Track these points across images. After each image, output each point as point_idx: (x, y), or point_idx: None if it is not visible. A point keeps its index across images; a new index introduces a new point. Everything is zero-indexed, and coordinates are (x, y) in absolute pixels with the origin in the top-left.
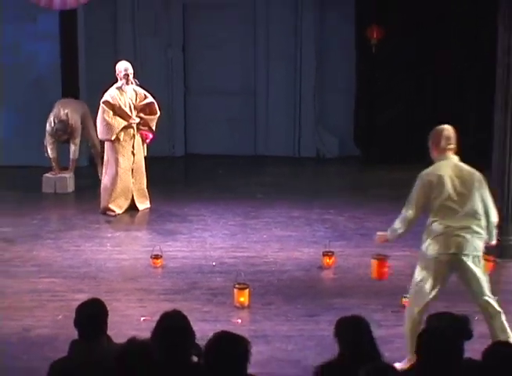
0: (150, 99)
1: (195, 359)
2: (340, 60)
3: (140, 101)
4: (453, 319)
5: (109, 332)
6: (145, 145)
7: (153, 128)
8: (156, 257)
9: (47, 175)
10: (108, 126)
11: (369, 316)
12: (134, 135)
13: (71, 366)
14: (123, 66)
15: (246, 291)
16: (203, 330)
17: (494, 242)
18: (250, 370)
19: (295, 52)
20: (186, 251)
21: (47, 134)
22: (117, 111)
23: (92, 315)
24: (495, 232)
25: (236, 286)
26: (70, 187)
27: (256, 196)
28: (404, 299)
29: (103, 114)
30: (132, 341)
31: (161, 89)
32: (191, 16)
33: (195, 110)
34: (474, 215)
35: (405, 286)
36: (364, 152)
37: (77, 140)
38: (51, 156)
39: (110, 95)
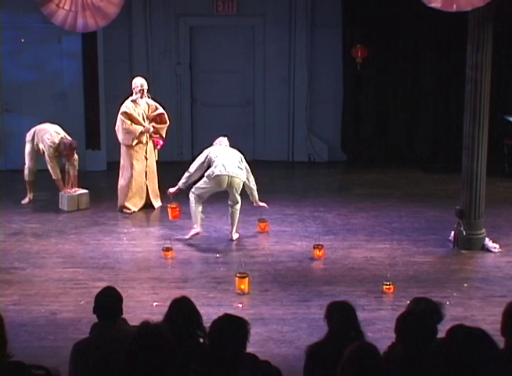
0: (161, 110)
1: (201, 340)
2: (329, 76)
3: (152, 112)
4: (429, 304)
5: (125, 316)
6: (156, 150)
7: (164, 135)
8: (167, 249)
9: (68, 194)
10: (128, 133)
11: (354, 301)
12: (146, 142)
13: (92, 346)
14: (139, 82)
15: (246, 279)
16: (208, 314)
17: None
18: (249, 349)
19: (289, 68)
20: (194, 245)
21: (47, 156)
22: (133, 120)
23: (108, 301)
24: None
25: (237, 275)
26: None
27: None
28: (385, 286)
29: (122, 124)
30: (145, 324)
31: (171, 101)
32: (197, 38)
33: (200, 120)
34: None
35: (386, 275)
36: (350, 157)
37: (75, 158)
38: (56, 176)
39: (126, 106)
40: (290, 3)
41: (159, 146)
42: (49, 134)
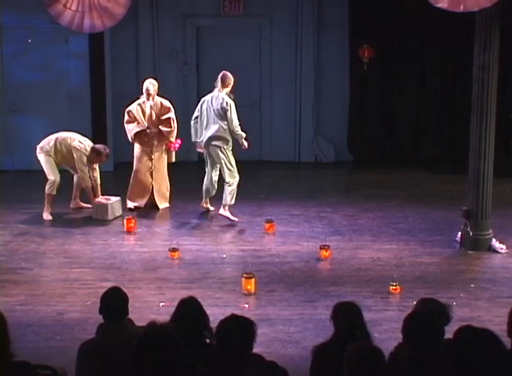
0: (169, 115)
1: (207, 340)
2: (336, 76)
3: (164, 113)
4: (437, 305)
5: (131, 316)
6: (172, 153)
7: (172, 139)
8: (174, 250)
9: (108, 203)
10: (128, 131)
11: (360, 301)
12: (150, 143)
13: (98, 346)
14: (145, 86)
15: (253, 279)
16: (215, 314)
17: None
18: (255, 350)
19: (296, 69)
20: (200, 245)
21: (80, 164)
22: (138, 120)
23: (114, 301)
24: None
25: (244, 275)
26: None
27: (260, 196)
28: (391, 287)
29: (125, 121)
30: (152, 324)
31: (178, 101)
32: (204, 38)
33: None
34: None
35: (392, 275)
36: (356, 157)
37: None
38: (88, 184)
39: (133, 106)
40: (296, 3)
41: (173, 149)
42: (78, 141)
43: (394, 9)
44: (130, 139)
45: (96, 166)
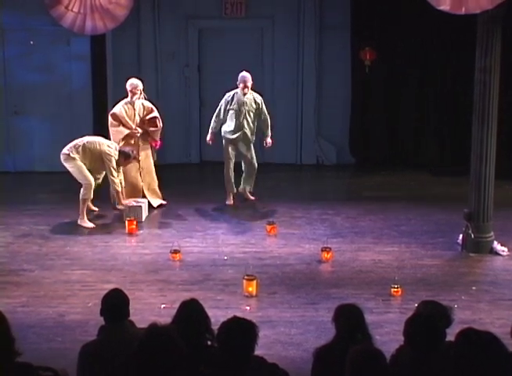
0: (154, 114)
1: (209, 342)
2: (338, 79)
3: (147, 114)
4: (438, 308)
5: (132, 318)
6: (155, 152)
7: (157, 138)
8: (175, 252)
9: (141, 204)
10: (114, 134)
11: (362, 303)
12: (137, 144)
13: (100, 348)
14: (135, 83)
15: (254, 281)
16: (216, 316)
17: None
18: (256, 352)
19: (298, 71)
20: (201, 247)
21: (111, 168)
22: (123, 122)
23: (115, 303)
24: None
25: (245, 277)
26: None
27: (262, 198)
28: (393, 289)
29: (110, 124)
30: (154, 326)
31: (179, 103)
32: (206, 40)
33: (209, 122)
34: None
35: (394, 277)
36: (358, 160)
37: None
38: (119, 188)
39: (118, 108)
40: (298, 5)
41: (157, 147)
42: (107, 145)
43: (396, 10)
44: (118, 142)
45: (121, 169)
